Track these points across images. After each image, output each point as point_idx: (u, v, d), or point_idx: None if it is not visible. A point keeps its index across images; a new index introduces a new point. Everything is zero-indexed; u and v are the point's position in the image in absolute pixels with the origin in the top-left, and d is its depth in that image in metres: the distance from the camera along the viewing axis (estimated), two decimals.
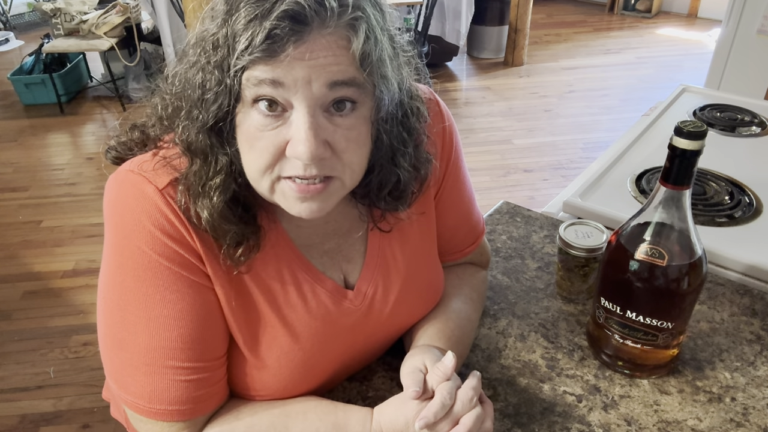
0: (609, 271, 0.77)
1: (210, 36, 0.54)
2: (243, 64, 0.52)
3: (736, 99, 1.60)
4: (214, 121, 0.56)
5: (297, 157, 0.54)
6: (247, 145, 0.56)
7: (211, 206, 0.58)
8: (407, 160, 0.65)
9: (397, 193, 0.67)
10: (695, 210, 1.11)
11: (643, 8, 5.62)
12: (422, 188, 0.70)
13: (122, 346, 0.62)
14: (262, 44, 0.50)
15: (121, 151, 0.67)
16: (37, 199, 2.93)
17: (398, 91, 0.60)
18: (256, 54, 0.50)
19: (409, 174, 0.66)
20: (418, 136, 0.67)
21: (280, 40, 0.50)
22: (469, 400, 0.62)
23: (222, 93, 0.54)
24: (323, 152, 0.55)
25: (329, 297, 0.70)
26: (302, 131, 0.53)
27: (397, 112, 0.62)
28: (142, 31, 4.05)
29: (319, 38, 0.52)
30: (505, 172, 3.11)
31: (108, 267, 0.62)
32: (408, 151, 0.65)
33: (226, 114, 0.55)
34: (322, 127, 0.54)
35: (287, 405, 0.68)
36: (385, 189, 0.66)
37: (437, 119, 0.74)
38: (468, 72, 4.51)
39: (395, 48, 0.60)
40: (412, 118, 0.65)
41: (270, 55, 0.51)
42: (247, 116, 0.55)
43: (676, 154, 0.66)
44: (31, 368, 1.97)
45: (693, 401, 0.77)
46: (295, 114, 0.54)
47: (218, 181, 0.58)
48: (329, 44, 0.52)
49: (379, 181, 0.65)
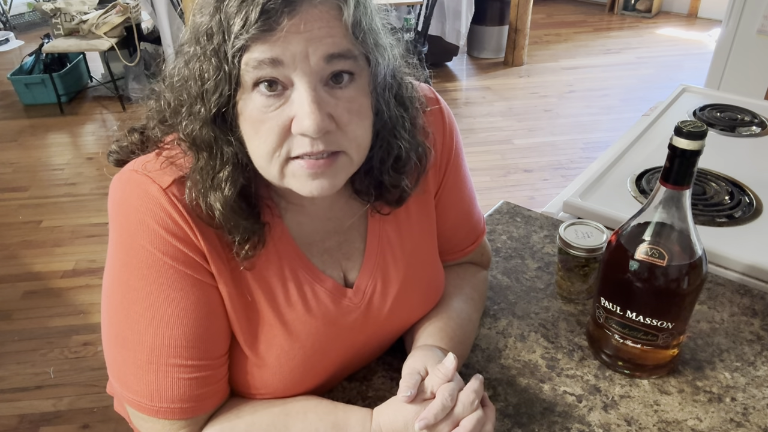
0: (609, 271, 0.77)
1: (203, 27, 0.55)
2: (241, 44, 0.52)
3: (736, 99, 1.60)
4: (216, 110, 0.56)
5: (303, 132, 0.55)
6: (252, 130, 0.57)
7: (223, 198, 0.58)
8: (406, 131, 0.66)
9: (400, 165, 0.67)
10: (695, 210, 1.11)
11: (643, 8, 5.62)
12: (422, 168, 0.71)
13: (125, 344, 0.62)
14: (257, 21, 0.51)
15: (123, 154, 0.67)
16: (37, 199, 2.93)
17: (392, 59, 0.62)
18: (253, 31, 0.51)
19: (410, 145, 0.67)
20: (414, 110, 0.68)
21: (274, 14, 0.51)
22: (471, 402, 0.62)
23: (222, 80, 0.55)
24: (328, 124, 0.55)
25: (329, 296, 0.70)
26: (305, 105, 0.54)
27: (392, 83, 0.63)
28: (142, 31, 4.05)
29: (310, 9, 0.53)
30: (505, 172, 3.11)
31: (112, 266, 0.62)
32: (406, 123, 0.66)
33: (228, 100, 0.56)
34: (324, 101, 0.55)
35: (287, 404, 0.68)
36: (388, 161, 0.66)
37: (438, 117, 0.75)
38: (468, 72, 4.51)
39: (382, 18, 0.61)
40: (406, 90, 0.67)
41: (266, 29, 0.52)
42: (248, 101, 0.56)
43: (676, 154, 0.66)
44: (31, 368, 1.97)
45: (693, 401, 0.77)
46: (296, 91, 0.55)
47: (227, 173, 0.58)
48: (321, 14, 0.53)
49: (381, 154, 0.66)
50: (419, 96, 0.70)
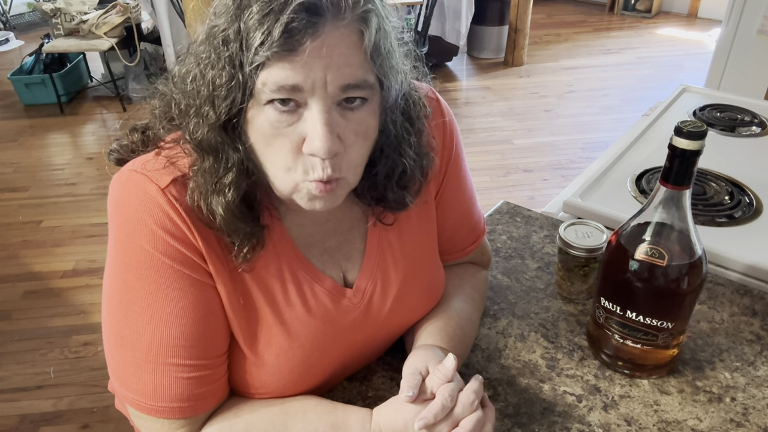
0: (609, 271, 0.77)
1: (220, 32, 0.54)
2: (261, 61, 0.52)
3: (736, 99, 1.60)
4: (226, 118, 0.56)
5: (314, 153, 0.55)
6: (263, 142, 0.57)
7: (225, 203, 0.58)
8: (412, 148, 0.66)
9: (404, 182, 0.68)
10: (695, 210, 1.11)
11: (643, 8, 5.62)
12: (425, 180, 0.71)
13: (124, 343, 0.62)
14: (280, 38, 0.50)
15: (123, 153, 0.67)
16: (37, 199, 2.93)
17: (404, 81, 0.62)
18: (275, 49, 0.51)
19: (414, 162, 0.67)
20: (420, 125, 0.68)
21: (297, 33, 0.51)
22: (470, 403, 0.62)
23: (234, 89, 0.54)
24: (338, 147, 0.56)
25: (328, 296, 0.70)
26: (318, 127, 0.54)
27: (401, 102, 0.63)
28: (142, 31, 4.05)
29: (333, 30, 0.52)
30: (505, 172, 3.11)
31: (111, 265, 0.62)
32: (412, 139, 0.66)
33: (239, 111, 0.56)
34: (336, 123, 0.55)
35: (287, 404, 0.68)
36: (393, 179, 0.67)
37: (438, 117, 0.74)
38: (468, 72, 4.51)
39: (398, 39, 0.61)
40: (414, 107, 0.67)
41: (288, 49, 0.51)
42: (260, 112, 0.55)
43: (676, 154, 0.66)
44: (31, 368, 1.97)
45: (693, 401, 0.77)
46: (309, 111, 0.55)
47: (231, 178, 0.58)
48: (343, 38, 0.53)
49: (386, 171, 0.66)
50: (426, 111, 0.70)
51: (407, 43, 0.64)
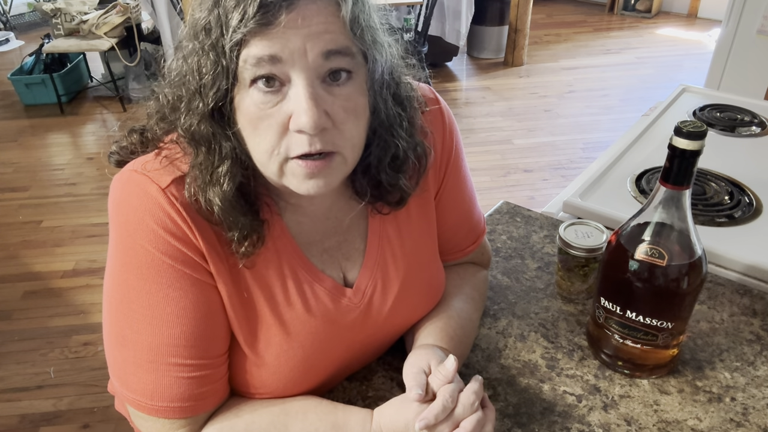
0: (609, 271, 0.77)
1: (202, 22, 0.55)
2: (238, 39, 0.52)
3: (736, 99, 1.60)
4: (214, 105, 0.56)
5: (300, 128, 0.55)
6: (250, 127, 0.57)
7: (221, 193, 0.59)
8: (404, 130, 0.66)
9: (397, 164, 0.68)
10: (695, 210, 1.11)
11: (643, 8, 5.62)
12: (421, 168, 0.71)
13: (125, 343, 0.62)
14: (256, 14, 0.51)
15: (123, 155, 0.67)
16: (37, 199, 2.93)
17: (390, 57, 0.62)
18: (251, 25, 0.52)
19: (407, 145, 0.67)
20: (412, 110, 0.68)
21: (272, 8, 0.52)
22: (471, 404, 0.62)
23: (219, 74, 0.55)
24: (325, 121, 0.56)
25: (328, 295, 0.70)
26: (302, 102, 0.54)
27: (390, 81, 0.64)
28: (142, 31, 4.05)
29: (309, 4, 0.53)
30: (505, 172, 3.11)
31: (112, 265, 0.62)
32: (404, 121, 0.66)
33: (225, 95, 0.56)
34: (321, 98, 0.55)
35: (287, 404, 0.68)
36: (385, 160, 0.66)
37: (438, 117, 0.75)
38: (468, 72, 4.51)
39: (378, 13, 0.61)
40: (404, 88, 0.67)
41: (264, 23, 0.52)
42: (245, 96, 0.56)
43: (675, 154, 0.66)
44: (31, 368, 1.97)
45: (693, 401, 0.77)
46: (293, 87, 0.55)
47: (225, 168, 0.59)
48: (320, 10, 0.54)
49: (378, 152, 0.66)
50: (418, 96, 0.70)
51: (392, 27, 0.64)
